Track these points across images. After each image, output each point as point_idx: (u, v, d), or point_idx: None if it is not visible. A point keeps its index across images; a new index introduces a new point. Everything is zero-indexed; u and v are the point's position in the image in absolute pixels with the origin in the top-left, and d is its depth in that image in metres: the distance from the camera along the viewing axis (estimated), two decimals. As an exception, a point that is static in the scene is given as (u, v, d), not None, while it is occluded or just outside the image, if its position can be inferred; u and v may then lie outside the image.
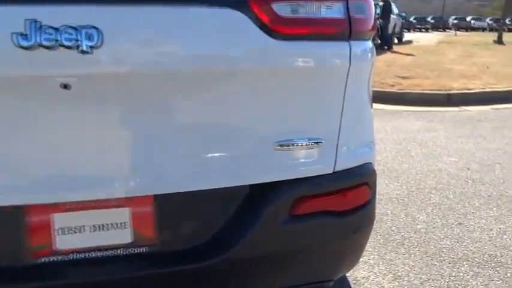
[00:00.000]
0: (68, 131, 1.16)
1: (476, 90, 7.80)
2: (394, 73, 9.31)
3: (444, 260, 2.65)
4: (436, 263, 2.62)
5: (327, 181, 1.44)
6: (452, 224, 3.13)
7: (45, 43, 1.06)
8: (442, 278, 2.47)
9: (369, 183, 1.55)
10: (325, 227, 1.44)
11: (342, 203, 1.46)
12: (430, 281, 2.44)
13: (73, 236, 1.26)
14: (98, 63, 1.10)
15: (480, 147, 4.97)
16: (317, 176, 1.42)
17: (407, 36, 25.87)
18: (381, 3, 16.82)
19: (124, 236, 1.30)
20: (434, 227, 3.07)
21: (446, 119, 6.39)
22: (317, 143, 1.39)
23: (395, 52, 15.40)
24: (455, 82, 8.40)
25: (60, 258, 1.27)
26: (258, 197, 1.37)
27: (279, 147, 1.34)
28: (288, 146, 1.35)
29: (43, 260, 1.26)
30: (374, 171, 1.58)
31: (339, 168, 1.46)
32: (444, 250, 2.76)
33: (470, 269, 2.55)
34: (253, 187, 1.36)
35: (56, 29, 1.06)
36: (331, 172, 1.44)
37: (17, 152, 1.16)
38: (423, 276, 2.48)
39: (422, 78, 8.82)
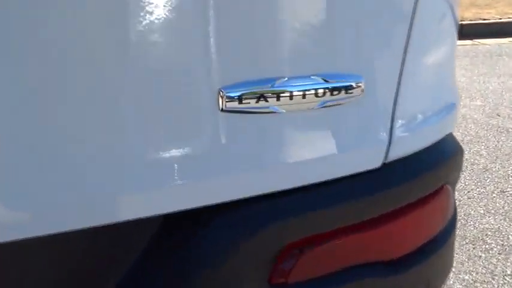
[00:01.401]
0: None
1: (492, 21, 6.84)
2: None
3: (492, 250, 1.91)
4: (480, 253, 1.89)
5: (366, 190, 0.60)
6: (493, 192, 2.37)
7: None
8: (494, 280, 1.74)
9: (450, 180, 0.72)
10: None
11: (397, 241, 0.64)
12: (478, 283, 1.72)
13: None
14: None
15: (507, 87, 4.15)
16: (344, 178, 0.59)
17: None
18: None
19: None
20: (469, 198, 2.31)
21: (461, 54, 5.48)
22: (348, 91, 0.55)
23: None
24: (466, 11, 7.40)
25: None
26: (184, 235, 0.54)
27: (232, 104, 0.52)
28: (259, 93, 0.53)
29: None
30: (460, 151, 0.74)
31: (395, 155, 0.62)
32: (489, 233, 2.02)
33: (530, 265, 1.83)
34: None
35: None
36: (378, 166, 0.61)
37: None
38: (466, 277, 1.75)
39: (429, 7, 7.74)
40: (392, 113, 0.60)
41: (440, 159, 0.68)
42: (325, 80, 0.53)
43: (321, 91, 0.53)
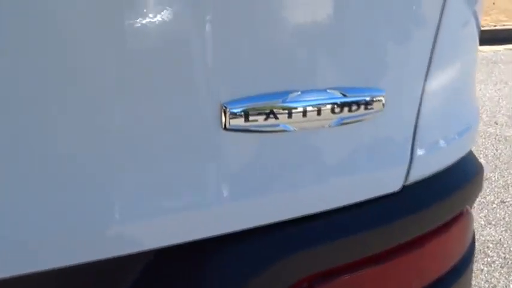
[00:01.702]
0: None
1: (487, 28, 6.86)
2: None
3: (494, 263, 1.86)
4: (482, 266, 1.83)
5: (384, 217, 0.54)
6: (493, 202, 2.32)
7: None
8: (497, 294, 1.69)
9: (471, 202, 0.66)
10: None
11: (416, 273, 0.57)
12: (481, 299, 1.67)
13: None
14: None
15: (503, 94, 4.13)
16: (361, 203, 0.52)
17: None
18: None
19: None
20: (470, 208, 2.26)
21: (457, 60, 5.47)
22: (368, 106, 0.48)
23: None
24: (462, 18, 7.40)
25: None
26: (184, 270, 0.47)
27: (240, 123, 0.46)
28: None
29: None
30: (481, 169, 0.68)
31: (416, 176, 0.56)
32: (490, 246, 1.97)
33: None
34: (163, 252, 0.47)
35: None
36: (398, 189, 0.55)
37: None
38: None
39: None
40: (414, 130, 0.54)
41: (463, 180, 0.62)
42: (343, 94, 0.47)
43: (338, 106, 0.47)
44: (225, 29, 0.43)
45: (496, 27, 7.00)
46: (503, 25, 7.16)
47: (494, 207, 2.29)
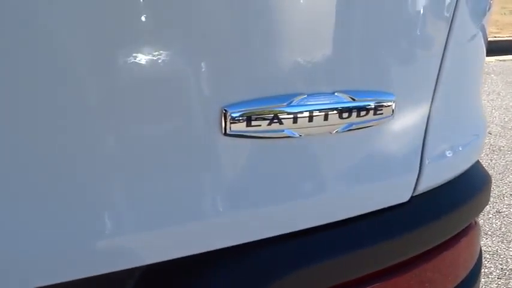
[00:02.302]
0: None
1: (478, 39, 6.94)
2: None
3: (491, 274, 1.83)
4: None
5: (392, 229, 0.51)
6: (489, 212, 2.30)
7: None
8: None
9: (479, 212, 0.63)
10: None
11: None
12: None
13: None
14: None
15: (496, 105, 4.15)
16: (367, 215, 0.49)
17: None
18: None
19: None
20: (466, 218, 2.24)
21: (449, 70, 5.50)
22: (377, 112, 0.45)
23: None
24: (453, 29, 7.48)
25: None
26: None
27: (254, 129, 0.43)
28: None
29: None
30: (489, 179, 0.66)
31: (425, 186, 0.53)
32: (487, 256, 1.95)
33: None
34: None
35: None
36: (407, 200, 0.52)
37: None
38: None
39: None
40: (424, 137, 0.51)
41: (472, 191, 0.59)
42: (351, 98, 0.44)
43: (346, 111, 0.44)
44: (227, 28, 0.40)
45: (488, 39, 7.09)
46: (494, 37, 7.24)
47: (490, 217, 2.27)
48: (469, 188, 0.59)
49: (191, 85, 0.39)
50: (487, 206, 2.37)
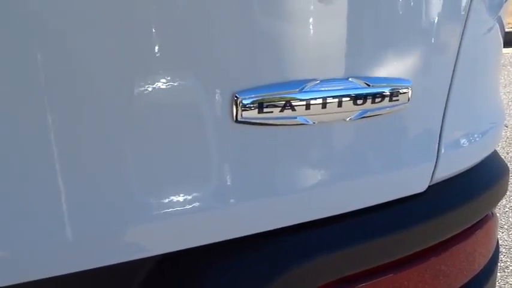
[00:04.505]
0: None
1: (495, 30, 6.79)
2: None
3: (507, 268, 1.80)
4: (496, 273, 1.77)
5: (409, 219, 0.50)
6: (505, 206, 2.26)
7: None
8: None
9: (496, 203, 0.62)
10: None
11: (440, 280, 0.53)
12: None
13: None
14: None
15: (512, 97, 4.07)
16: (383, 205, 0.48)
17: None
18: None
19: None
20: (481, 212, 2.20)
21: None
22: (393, 98, 0.44)
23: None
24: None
25: None
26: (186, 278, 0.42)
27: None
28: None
29: None
30: (507, 170, 0.64)
31: (442, 175, 0.51)
32: (503, 250, 1.91)
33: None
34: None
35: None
36: (424, 189, 0.50)
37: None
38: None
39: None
40: (441, 125, 0.50)
41: (489, 181, 0.57)
42: (366, 84, 0.42)
43: (360, 98, 0.42)
44: (238, 13, 0.39)
45: (506, 30, 6.94)
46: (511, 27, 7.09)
47: (507, 211, 2.23)
48: (486, 178, 0.57)
49: (202, 71, 0.38)
50: (503, 200, 2.33)
